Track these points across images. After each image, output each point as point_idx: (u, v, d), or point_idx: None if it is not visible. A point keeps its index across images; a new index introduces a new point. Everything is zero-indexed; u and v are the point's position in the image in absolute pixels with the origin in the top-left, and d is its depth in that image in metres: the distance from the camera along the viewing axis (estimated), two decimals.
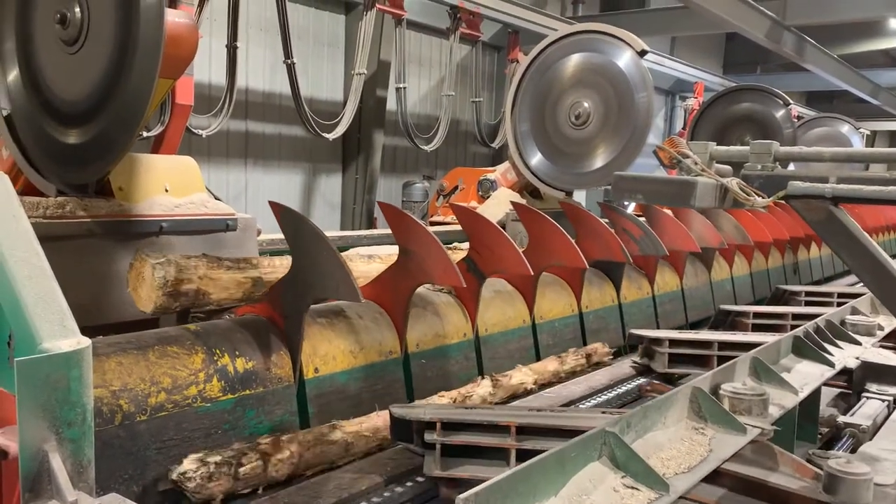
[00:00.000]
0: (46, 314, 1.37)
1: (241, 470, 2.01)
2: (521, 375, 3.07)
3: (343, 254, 3.79)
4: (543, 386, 3.17)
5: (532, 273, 2.99)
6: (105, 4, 2.53)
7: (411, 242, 2.78)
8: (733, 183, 2.09)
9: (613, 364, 3.63)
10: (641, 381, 3.32)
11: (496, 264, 3.06)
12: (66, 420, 1.32)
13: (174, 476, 1.94)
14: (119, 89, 2.51)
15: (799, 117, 9.68)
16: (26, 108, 2.83)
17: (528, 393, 3.05)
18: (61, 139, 2.74)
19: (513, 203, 4.13)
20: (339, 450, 2.28)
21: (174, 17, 3.01)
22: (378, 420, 2.43)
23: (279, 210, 2.44)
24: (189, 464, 1.95)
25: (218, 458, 1.99)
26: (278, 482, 2.13)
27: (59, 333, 1.37)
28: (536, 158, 5.55)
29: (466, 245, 3.39)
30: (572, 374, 3.39)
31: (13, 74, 2.86)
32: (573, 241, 3.37)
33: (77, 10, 2.59)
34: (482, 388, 2.85)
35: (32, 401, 1.26)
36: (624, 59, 5.11)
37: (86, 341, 1.37)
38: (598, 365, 3.57)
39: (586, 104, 5.19)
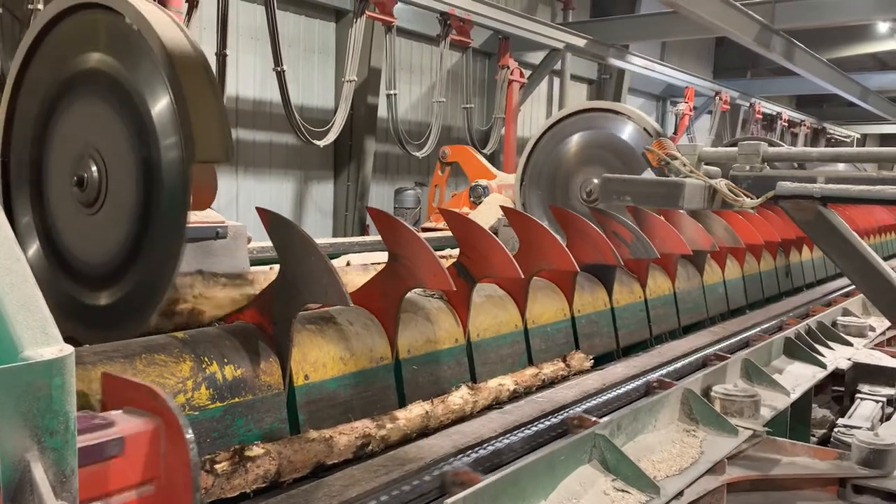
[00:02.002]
0: (28, 322, 1.35)
1: (217, 467, 1.98)
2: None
3: (342, 265, 3.78)
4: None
5: (523, 277, 2.98)
6: (123, 161, 2.43)
7: (400, 247, 2.77)
8: (721, 184, 2.09)
9: (606, 368, 3.62)
10: (635, 384, 3.31)
11: (487, 268, 3.05)
12: (49, 429, 1.30)
13: None
14: (147, 244, 2.41)
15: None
16: (48, 275, 2.72)
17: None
18: (90, 302, 2.62)
19: (503, 208, 4.12)
20: (322, 447, 2.26)
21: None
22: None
23: (266, 216, 2.43)
24: None
25: None
26: (265, 485, 2.10)
27: (42, 341, 1.36)
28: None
29: (458, 252, 3.38)
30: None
31: (34, 248, 2.77)
32: (564, 244, 3.36)
33: (94, 169, 2.49)
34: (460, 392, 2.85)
35: (13, 409, 1.24)
36: (627, 132, 5.22)
37: (68, 349, 1.35)
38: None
39: (596, 180, 5.26)
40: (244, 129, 9.85)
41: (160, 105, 2.28)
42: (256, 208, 2.45)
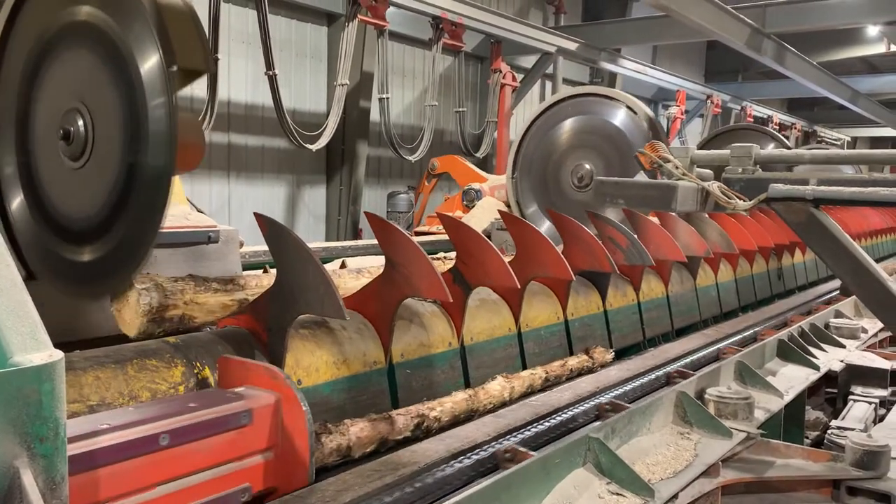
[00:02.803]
0: (17, 327, 1.34)
1: None
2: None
3: (335, 269, 3.77)
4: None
5: (518, 286, 2.98)
6: (110, 116, 2.42)
7: (397, 254, 2.76)
8: (714, 186, 2.09)
9: (600, 372, 3.62)
10: (628, 387, 3.31)
11: (483, 276, 3.05)
12: (38, 435, 1.29)
13: None
14: (132, 200, 2.37)
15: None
16: (32, 230, 2.70)
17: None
18: (72, 258, 2.58)
19: (501, 213, 4.11)
20: (385, 426, 2.39)
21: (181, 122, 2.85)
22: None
23: (264, 223, 2.41)
24: None
25: None
26: (339, 459, 2.20)
27: (31, 346, 1.34)
28: (546, 227, 5.57)
29: (453, 255, 3.38)
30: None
31: (17, 200, 2.74)
32: (559, 250, 3.37)
33: (80, 123, 2.45)
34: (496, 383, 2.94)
35: (2, 416, 1.23)
36: (619, 118, 5.20)
37: (58, 354, 1.34)
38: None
39: (588, 165, 5.25)
40: (236, 133, 9.82)
41: (150, 62, 2.29)
42: (254, 214, 2.43)
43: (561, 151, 5.43)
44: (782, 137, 7.68)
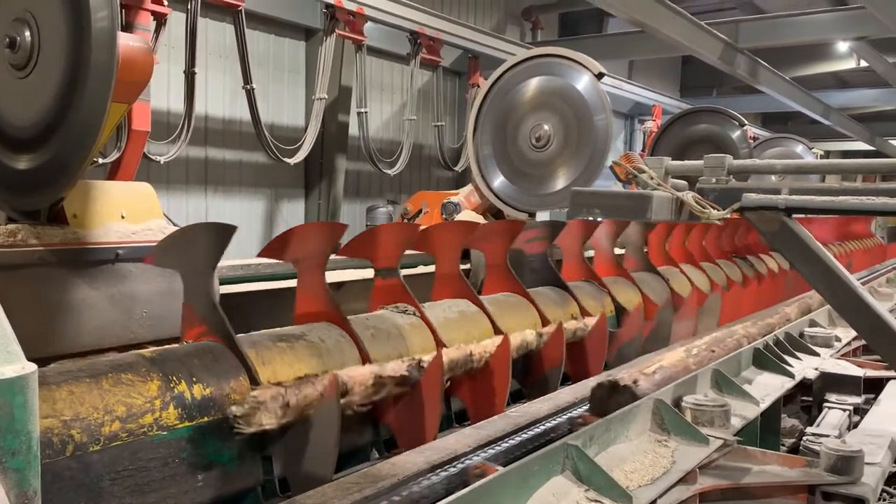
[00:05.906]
0: None
1: None
2: None
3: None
4: None
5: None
6: (56, 28, 2.51)
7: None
8: (689, 196, 2.12)
9: (578, 383, 3.63)
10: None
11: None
12: (10, 449, 1.27)
13: None
14: (71, 114, 2.49)
15: (755, 138, 9.91)
16: None
17: None
18: (11, 165, 2.69)
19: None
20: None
21: (127, 41, 3.00)
22: None
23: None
24: None
25: None
26: None
27: (3, 359, 1.33)
28: (499, 181, 5.61)
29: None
30: None
31: None
32: None
33: (27, 33, 2.56)
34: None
35: None
36: (582, 83, 5.23)
37: (31, 367, 1.33)
38: None
39: (546, 126, 5.28)
40: (213, 147, 9.77)
41: None
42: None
43: (521, 111, 5.46)
44: (739, 116, 7.80)
